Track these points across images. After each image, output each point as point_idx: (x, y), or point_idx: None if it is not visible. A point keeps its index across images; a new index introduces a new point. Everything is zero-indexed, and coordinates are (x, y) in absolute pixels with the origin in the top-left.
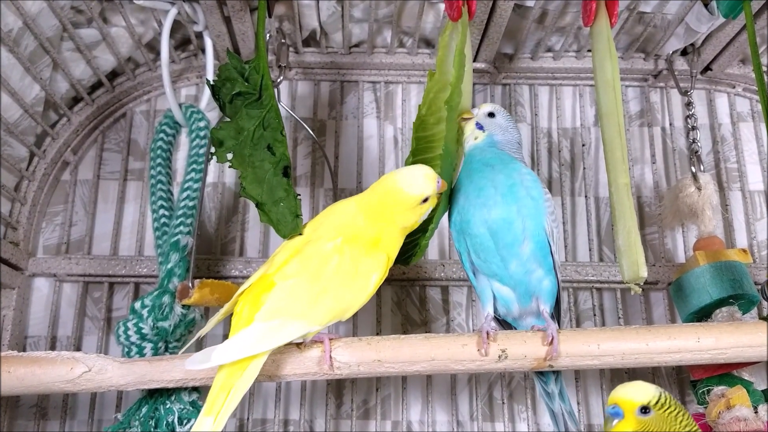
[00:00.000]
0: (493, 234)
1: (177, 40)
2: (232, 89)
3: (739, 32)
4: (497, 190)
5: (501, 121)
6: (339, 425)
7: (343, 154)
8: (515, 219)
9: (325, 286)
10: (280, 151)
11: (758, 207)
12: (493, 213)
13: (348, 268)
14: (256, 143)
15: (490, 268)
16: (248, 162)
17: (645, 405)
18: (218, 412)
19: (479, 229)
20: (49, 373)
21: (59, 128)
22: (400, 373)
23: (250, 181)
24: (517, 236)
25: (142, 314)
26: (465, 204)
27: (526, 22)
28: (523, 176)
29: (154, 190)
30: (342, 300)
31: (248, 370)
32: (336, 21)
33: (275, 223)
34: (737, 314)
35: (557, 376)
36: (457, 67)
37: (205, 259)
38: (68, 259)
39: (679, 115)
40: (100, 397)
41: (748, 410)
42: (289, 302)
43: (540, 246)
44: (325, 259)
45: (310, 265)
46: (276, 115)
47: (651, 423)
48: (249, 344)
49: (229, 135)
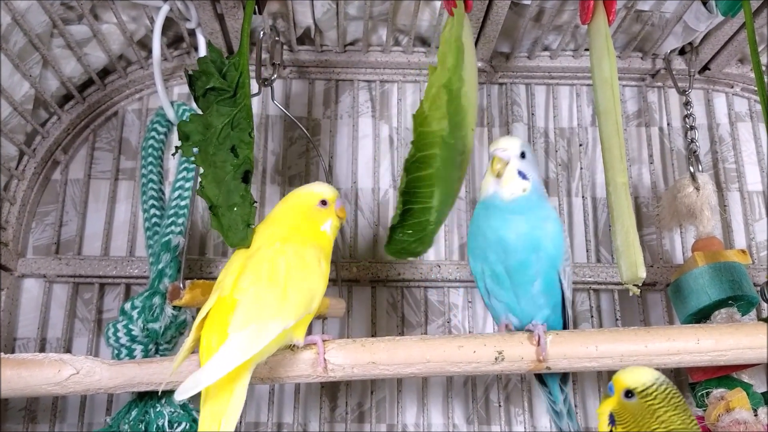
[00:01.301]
0: (510, 273)
1: (169, 38)
2: (206, 83)
3: (737, 31)
4: (519, 239)
5: (531, 158)
6: (333, 429)
7: (337, 154)
8: (533, 263)
9: (285, 284)
10: (244, 153)
11: (757, 208)
12: (511, 258)
13: (296, 262)
14: (222, 142)
15: (504, 299)
16: (210, 161)
17: (630, 389)
18: None
19: (497, 267)
20: (36, 376)
21: (49, 126)
22: (395, 375)
23: (210, 180)
24: (531, 278)
25: (132, 315)
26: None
27: (522, 21)
28: (548, 223)
29: (146, 190)
30: (304, 291)
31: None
32: (331, 19)
33: (225, 230)
34: (736, 316)
35: (566, 397)
36: (454, 54)
37: (196, 260)
38: (58, 259)
39: (677, 115)
40: (89, 399)
41: (748, 413)
42: (257, 308)
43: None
44: (273, 261)
45: (261, 272)
46: (247, 116)
47: (629, 407)
48: (234, 355)
49: (197, 130)
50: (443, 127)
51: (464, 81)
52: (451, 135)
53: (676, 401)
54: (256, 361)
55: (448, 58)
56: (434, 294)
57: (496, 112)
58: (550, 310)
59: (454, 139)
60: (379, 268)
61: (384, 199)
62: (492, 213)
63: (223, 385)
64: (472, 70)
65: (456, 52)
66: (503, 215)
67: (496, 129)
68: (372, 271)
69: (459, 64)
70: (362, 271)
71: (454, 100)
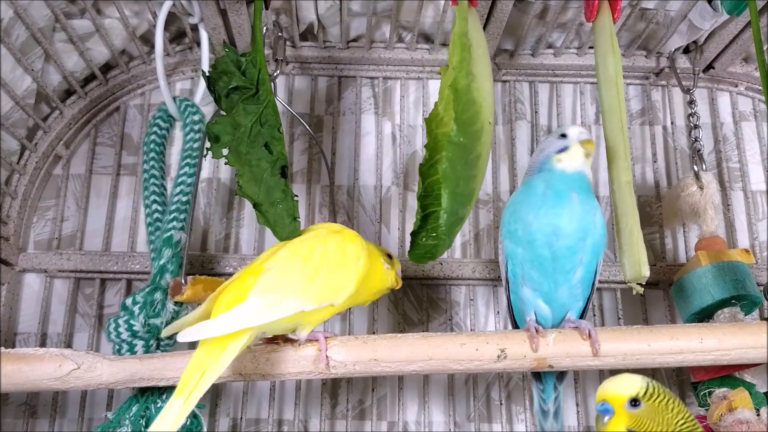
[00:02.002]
0: (556, 259)
1: (172, 33)
2: (228, 83)
3: (742, 30)
4: (571, 221)
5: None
6: (334, 425)
7: (340, 151)
8: (579, 250)
9: (316, 266)
10: (277, 149)
11: (760, 207)
12: (562, 242)
13: (335, 252)
14: (254, 140)
15: (540, 288)
16: (245, 160)
17: (634, 397)
18: (189, 393)
19: (543, 251)
20: (37, 371)
21: (51, 121)
22: (396, 372)
23: (247, 179)
24: (575, 265)
25: (133, 311)
26: (533, 220)
27: (526, 18)
28: (597, 212)
29: (147, 185)
30: (333, 279)
31: (226, 351)
32: (334, 15)
33: (272, 225)
34: (739, 315)
35: (557, 395)
36: (459, 52)
37: (198, 256)
38: (59, 254)
39: (681, 114)
40: (90, 395)
41: (751, 412)
42: (283, 280)
43: (589, 271)
44: (313, 245)
45: (299, 250)
46: (273, 112)
47: (643, 415)
48: (245, 317)
49: (226, 130)
50: (451, 127)
51: (474, 76)
52: (459, 133)
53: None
54: (262, 330)
55: (454, 56)
56: (436, 291)
57: (499, 109)
58: (583, 302)
59: (463, 136)
60: None
61: (386, 196)
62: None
63: (219, 340)
64: (483, 62)
65: (460, 50)
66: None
67: (500, 126)
68: None
69: (464, 61)
70: None
71: (461, 98)
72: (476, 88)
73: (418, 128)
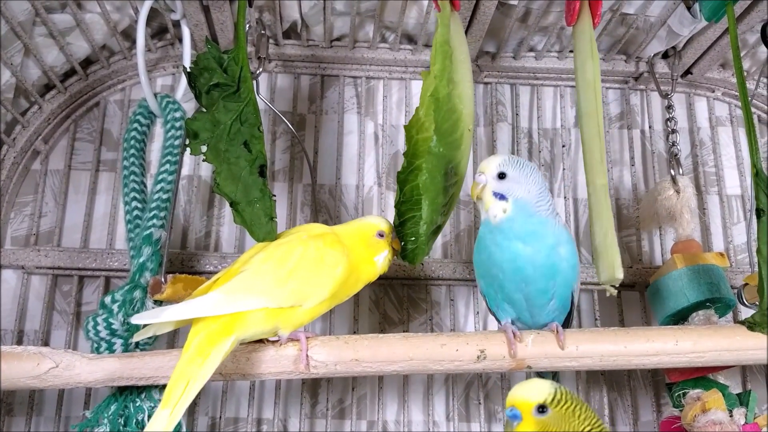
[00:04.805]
0: (528, 299)
1: (153, 29)
2: (210, 79)
3: (720, 36)
4: (537, 271)
5: (515, 175)
6: (314, 425)
7: (322, 149)
8: (549, 290)
9: (291, 270)
10: (257, 148)
11: (735, 211)
12: (531, 287)
13: (313, 257)
14: (233, 138)
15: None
16: (223, 157)
17: (541, 404)
18: (175, 403)
19: (515, 295)
20: (15, 369)
21: (30, 116)
22: (377, 372)
23: (225, 177)
24: (547, 299)
25: (112, 309)
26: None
27: (509, 21)
28: (563, 248)
29: (127, 182)
30: (306, 285)
31: (209, 359)
32: (318, 13)
33: (249, 225)
34: (714, 318)
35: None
36: (440, 59)
37: (178, 254)
38: (37, 251)
39: (659, 118)
40: (68, 393)
41: (724, 414)
42: (253, 282)
43: (564, 300)
44: (291, 248)
45: (276, 254)
46: (254, 110)
47: (549, 422)
48: (204, 307)
49: (205, 127)
50: (431, 135)
51: (455, 83)
52: (439, 143)
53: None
54: (239, 334)
55: (435, 64)
56: (416, 291)
57: (481, 111)
58: (561, 314)
59: (443, 147)
60: None
61: (368, 195)
62: (496, 239)
63: (201, 348)
64: (464, 67)
65: (442, 58)
66: (494, 239)
67: (481, 128)
68: None
69: (445, 70)
70: None
71: (441, 107)
72: (457, 95)
73: (401, 128)
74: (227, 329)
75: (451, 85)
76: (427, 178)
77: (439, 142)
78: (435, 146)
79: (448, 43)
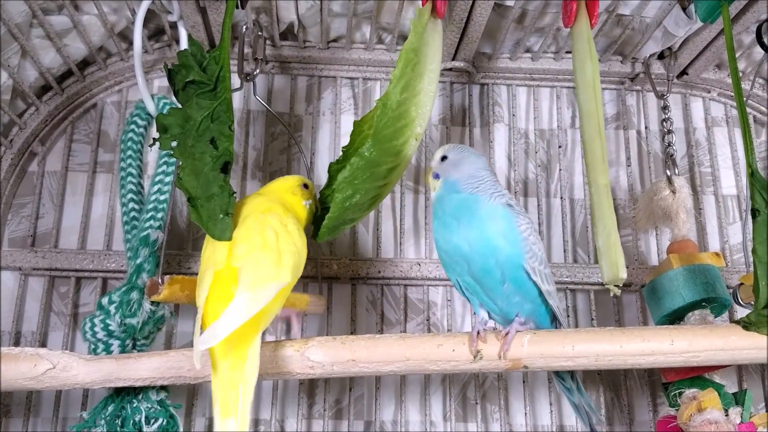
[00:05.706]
0: (477, 281)
1: (150, 30)
2: (186, 76)
3: (715, 37)
4: (473, 248)
5: (453, 158)
6: (311, 425)
7: (319, 150)
8: (494, 269)
9: (277, 248)
10: (224, 146)
11: (731, 211)
12: (473, 267)
13: (281, 229)
14: (201, 134)
15: (480, 297)
16: (189, 153)
17: None
18: (236, 410)
19: (465, 278)
20: (12, 370)
21: (27, 118)
22: (374, 373)
23: (188, 172)
24: (497, 280)
25: (109, 310)
26: (446, 256)
27: (505, 22)
28: (496, 223)
29: (124, 183)
30: (294, 254)
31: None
32: (314, 15)
33: (204, 222)
34: (709, 317)
35: (573, 374)
36: (401, 66)
37: (175, 255)
38: (34, 252)
39: (655, 119)
40: (65, 394)
41: (720, 413)
42: (259, 273)
43: (520, 283)
44: (262, 230)
45: (254, 240)
46: (227, 109)
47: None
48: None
49: (176, 122)
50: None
51: (416, 92)
52: (372, 148)
53: None
54: (263, 326)
55: (396, 69)
56: (414, 292)
57: (477, 112)
58: (531, 304)
59: (376, 152)
60: (359, 265)
61: None
62: (437, 215)
63: (236, 353)
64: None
65: (403, 65)
66: (436, 218)
67: (477, 129)
68: (352, 268)
69: (403, 76)
70: (342, 269)
71: (387, 113)
72: (415, 103)
73: None
74: (253, 326)
75: (408, 92)
76: (348, 176)
77: (374, 146)
78: (368, 149)
79: (415, 51)
